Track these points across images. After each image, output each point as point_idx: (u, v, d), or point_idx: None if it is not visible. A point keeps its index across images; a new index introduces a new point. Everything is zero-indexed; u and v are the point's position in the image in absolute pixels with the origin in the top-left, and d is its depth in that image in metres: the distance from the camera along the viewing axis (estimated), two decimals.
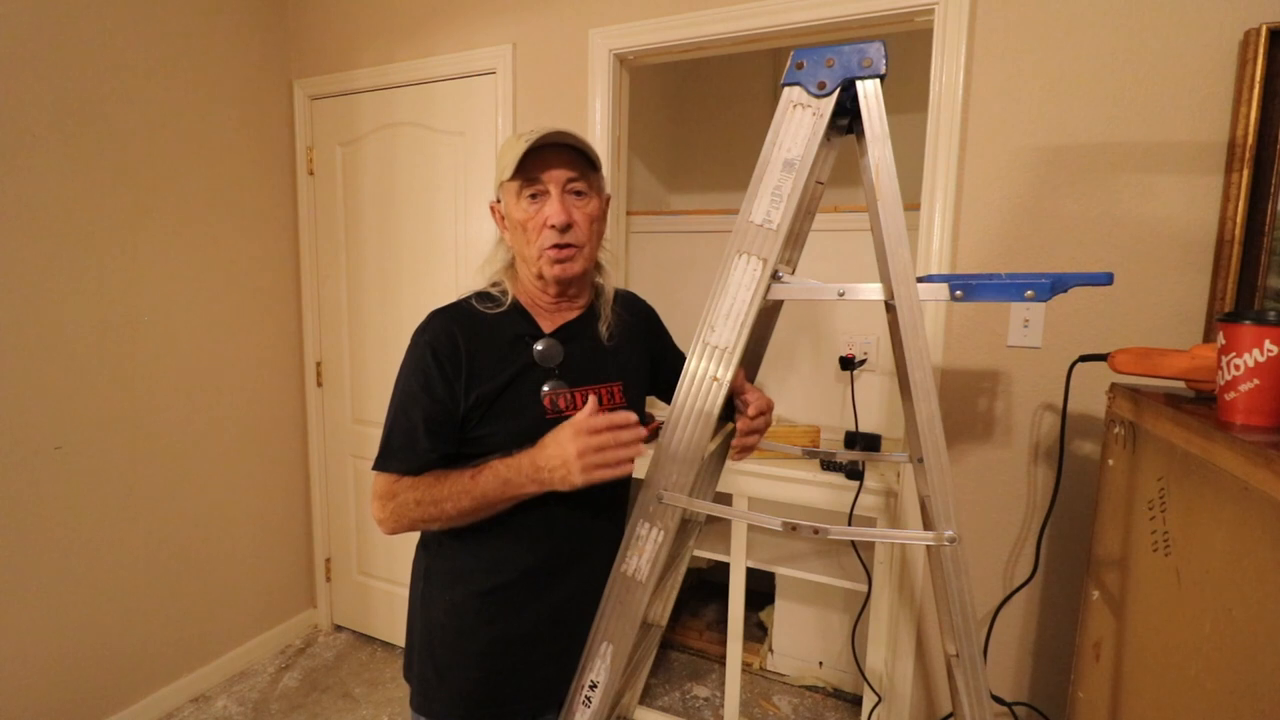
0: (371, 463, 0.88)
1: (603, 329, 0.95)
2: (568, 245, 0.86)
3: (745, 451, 0.97)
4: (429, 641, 0.93)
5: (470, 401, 0.85)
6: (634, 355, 1.01)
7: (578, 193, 0.87)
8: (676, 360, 1.07)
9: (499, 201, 0.92)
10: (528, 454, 0.80)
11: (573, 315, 0.95)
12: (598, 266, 0.97)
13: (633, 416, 0.78)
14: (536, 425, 0.86)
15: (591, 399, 0.81)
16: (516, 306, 0.91)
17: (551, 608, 0.92)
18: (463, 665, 0.90)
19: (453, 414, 0.85)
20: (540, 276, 0.89)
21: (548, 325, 0.93)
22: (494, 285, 0.93)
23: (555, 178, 0.85)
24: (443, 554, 0.92)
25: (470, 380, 0.85)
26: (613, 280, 0.99)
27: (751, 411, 0.93)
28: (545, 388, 0.89)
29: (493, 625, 0.89)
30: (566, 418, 0.86)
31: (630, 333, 1.00)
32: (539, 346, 0.90)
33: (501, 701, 0.91)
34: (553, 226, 0.85)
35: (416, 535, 0.97)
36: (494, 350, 0.87)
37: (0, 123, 1.50)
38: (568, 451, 0.76)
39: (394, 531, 0.85)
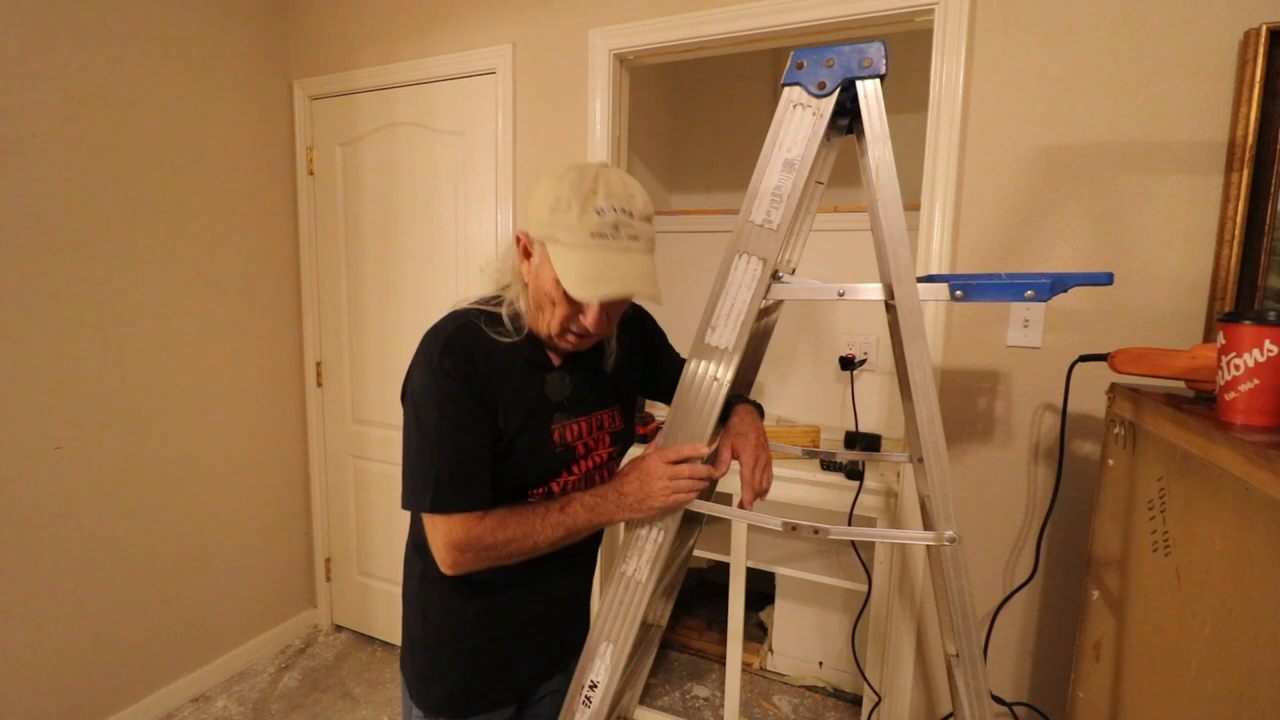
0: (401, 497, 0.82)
1: (607, 357, 0.94)
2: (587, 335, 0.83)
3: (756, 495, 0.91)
4: (425, 639, 0.94)
5: (495, 434, 0.83)
6: (631, 375, 1.00)
7: None
8: (670, 363, 1.07)
9: (529, 237, 0.82)
10: (612, 485, 0.85)
11: None
12: None
13: (703, 450, 0.83)
14: (548, 459, 0.87)
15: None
16: (528, 334, 0.87)
17: (541, 607, 0.95)
18: (458, 662, 0.92)
19: (490, 446, 0.83)
20: (549, 337, 0.85)
21: (556, 355, 0.90)
22: (508, 306, 0.86)
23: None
24: None
25: (495, 412, 0.83)
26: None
27: (745, 472, 0.87)
28: (554, 421, 0.88)
29: (486, 625, 0.92)
30: (573, 449, 0.89)
31: (627, 349, 0.98)
32: (550, 380, 0.88)
33: (494, 694, 0.95)
34: (583, 325, 0.80)
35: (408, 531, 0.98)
36: (511, 383, 0.84)
37: (0, 123, 1.50)
38: (651, 482, 0.82)
39: (466, 573, 0.82)
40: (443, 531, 0.80)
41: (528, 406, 0.85)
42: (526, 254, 0.84)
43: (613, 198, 0.75)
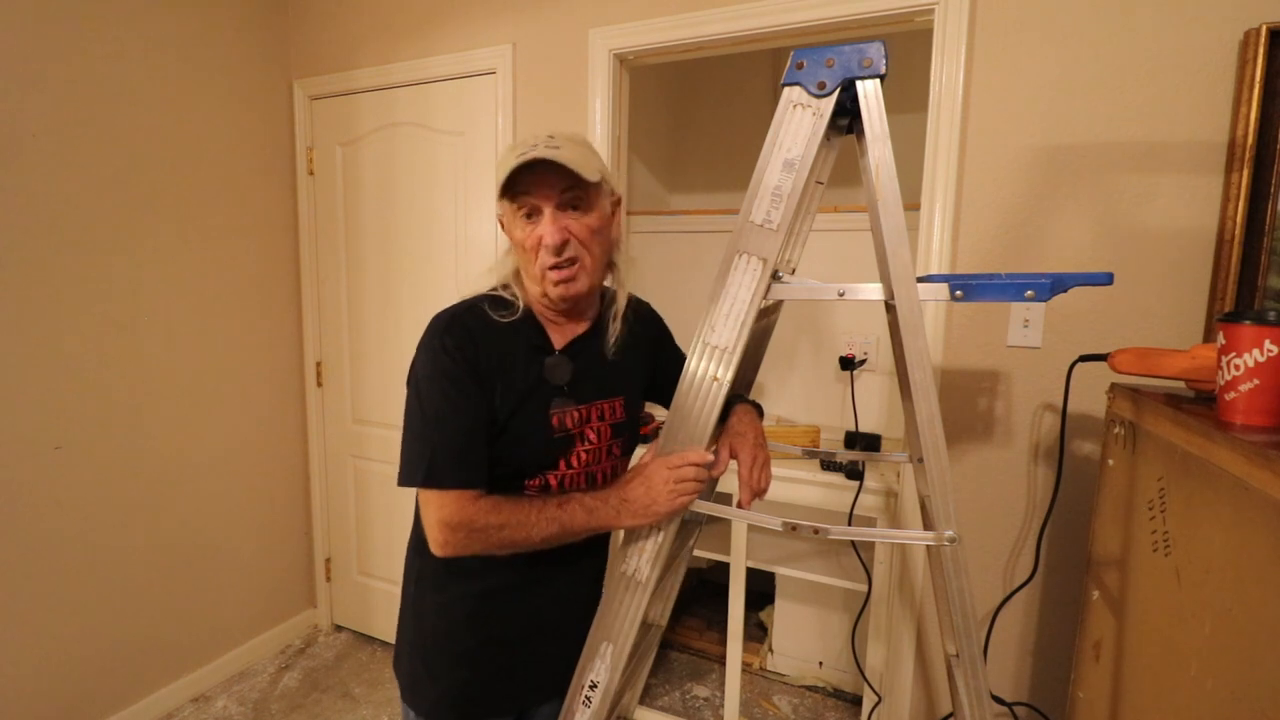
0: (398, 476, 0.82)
1: (610, 343, 0.93)
2: (567, 264, 0.83)
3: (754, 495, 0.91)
4: (420, 640, 0.94)
5: (491, 414, 0.83)
6: (636, 366, 1.00)
7: (574, 205, 0.83)
8: (675, 361, 1.05)
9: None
10: (614, 490, 0.84)
11: (581, 329, 0.92)
12: (612, 268, 0.93)
13: (708, 456, 0.83)
14: (544, 445, 0.87)
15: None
16: (529, 315, 0.88)
17: (537, 612, 0.93)
18: (452, 665, 0.91)
19: (487, 425, 0.82)
20: (544, 294, 0.86)
21: (558, 339, 0.90)
22: (505, 288, 0.89)
23: (547, 195, 0.81)
24: (435, 558, 0.91)
25: (493, 391, 0.83)
26: (627, 285, 0.95)
27: (743, 471, 0.88)
28: (553, 405, 0.87)
29: (481, 628, 0.91)
30: (572, 436, 0.88)
31: (634, 342, 0.97)
32: (549, 363, 0.88)
33: (489, 700, 0.93)
34: (546, 247, 0.81)
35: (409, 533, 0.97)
36: (510, 363, 0.85)
37: (0, 123, 1.50)
38: (656, 486, 0.81)
39: (456, 555, 0.81)
40: (435, 507, 0.80)
41: (526, 388, 0.85)
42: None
43: (537, 134, 0.82)
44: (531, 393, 0.86)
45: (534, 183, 0.80)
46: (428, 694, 0.92)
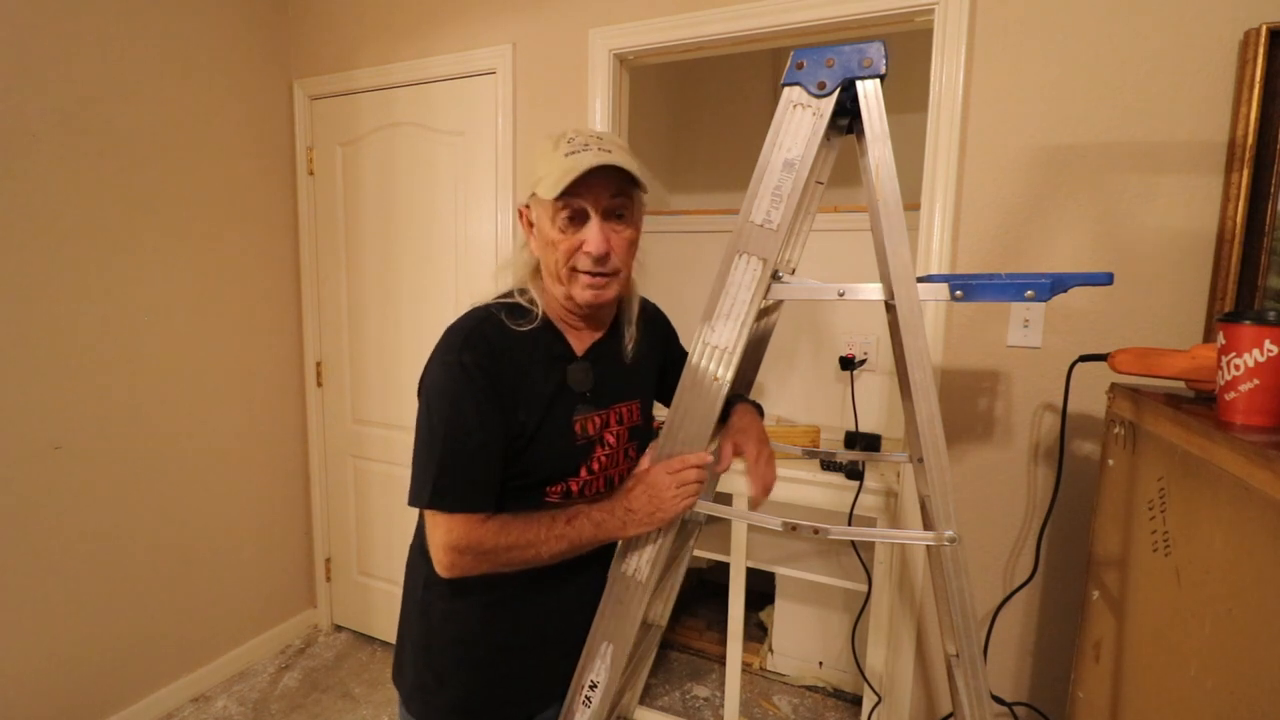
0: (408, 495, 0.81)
1: (627, 347, 0.92)
2: (603, 274, 0.82)
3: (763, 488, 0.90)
4: (427, 648, 0.92)
5: (513, 430, 0.82)
6: (649, 368, 1.00)
7: (618, 216, 0.82)
8: (681, 367, 1.06)
9: (528, 207, 0.86)
10: (619, 501, 0.83)
11: (600, 334, 0.92)
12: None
13: (708, 457, 0.83)
14: (568, 452, 0.86)
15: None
16: (547, 322, 0.87)
17: (548, 618, 0.92)
18: (461, 672, 0.90)
19: (504, 442, 0.81)
20: (569, 297, 0.84)
21: (578, 345, 0.89)
22: (521, 294, 0.87)
23: (598, 201, 0.79)
24: None
25: (515, 407, 0.81)
26: (638, 291, 0.94)
27: (752, 464, 0.88)
28: (576, 413, 0.86)
29: (491, 635, 0.89)
30: (593, 441, 0.88)
31: (647, 344, 0.97)
32: (572, 370, 0.87)
33: (498, 706, 0.92)
34: (588, 254, 0.80)
35: (411, 535, 0.97)
36: (532, 374, 0.83)
37: (0, 123, 1.50)
38: (660, 493, 0.81)
39: (462, 576, 0.80)
40: (443, 530, 0.79)
41: (549, 398, 0.84)
42: (529, 224, 0.86)
43: (582, 133, 0.80)
44: (554, 401, 0.85)
45: (584, 185, 0.78)
46: (433, 700, 0.91)
